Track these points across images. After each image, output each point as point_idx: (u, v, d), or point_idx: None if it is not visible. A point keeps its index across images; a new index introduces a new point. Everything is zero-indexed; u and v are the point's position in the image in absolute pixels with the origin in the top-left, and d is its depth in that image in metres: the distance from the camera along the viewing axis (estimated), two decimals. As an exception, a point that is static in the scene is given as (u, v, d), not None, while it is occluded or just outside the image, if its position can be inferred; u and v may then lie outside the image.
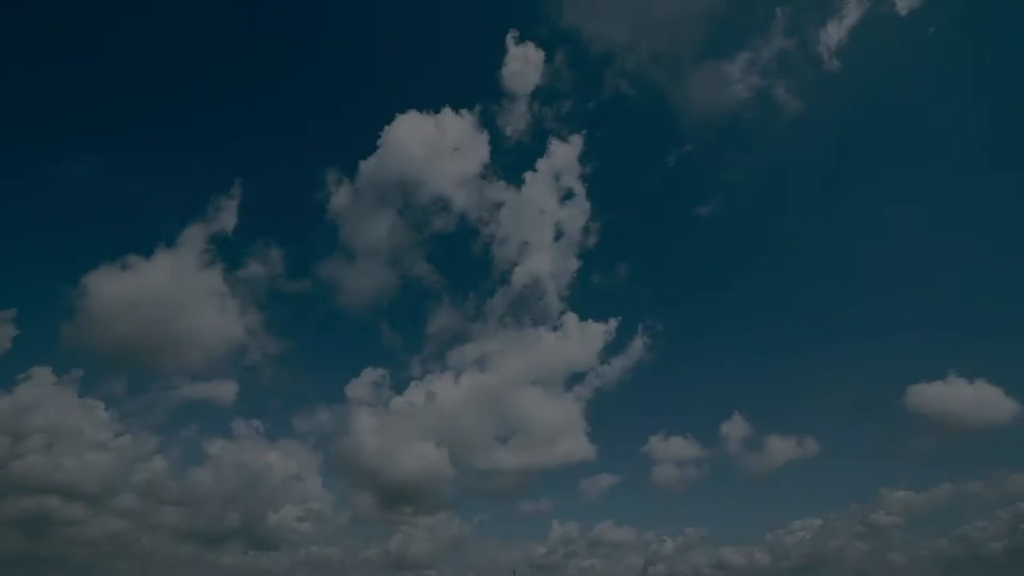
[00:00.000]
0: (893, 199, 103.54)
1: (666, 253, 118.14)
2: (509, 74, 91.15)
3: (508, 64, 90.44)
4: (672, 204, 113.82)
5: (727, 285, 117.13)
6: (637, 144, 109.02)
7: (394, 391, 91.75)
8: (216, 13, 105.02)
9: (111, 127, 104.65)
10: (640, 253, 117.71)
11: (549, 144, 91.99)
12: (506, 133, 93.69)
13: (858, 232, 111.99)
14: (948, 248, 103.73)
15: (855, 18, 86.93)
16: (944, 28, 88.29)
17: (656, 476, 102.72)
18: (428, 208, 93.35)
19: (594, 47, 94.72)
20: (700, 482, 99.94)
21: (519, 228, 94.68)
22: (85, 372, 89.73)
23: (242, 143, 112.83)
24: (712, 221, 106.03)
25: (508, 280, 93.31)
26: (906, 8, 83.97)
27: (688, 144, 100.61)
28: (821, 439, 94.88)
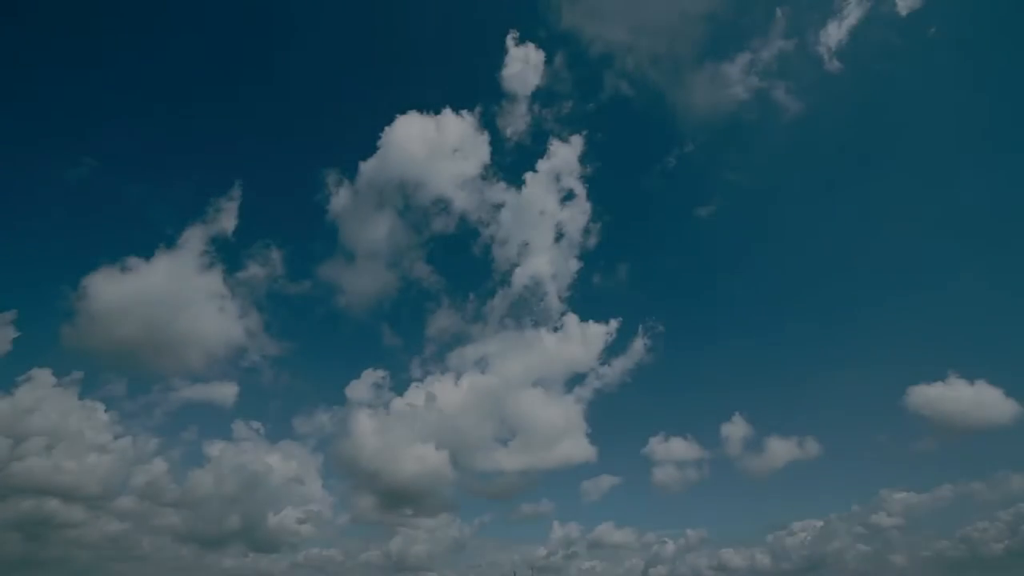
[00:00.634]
0: (893, 200, 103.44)
1: (666, 254, 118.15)
2: (509, 75, 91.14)
3: (508, 65, 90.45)
4: (672, 205, 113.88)
5: (727, 286, 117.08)
6: (637, 145, 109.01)
7: (394, 392, 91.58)
8: (215, 14, 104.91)
9: (110, 129, 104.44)
10: (640, 254, 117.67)
11: (549, 145, 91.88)
12: (506, 134, 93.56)
13: (858, 233, 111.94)
14: (948, 249, 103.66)
15: (855, 18, 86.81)
16: (945, 28, 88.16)
17: (657, 477, 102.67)
18: (428, 209, 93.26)
19: (594, 48, 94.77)
20: (701, 483, 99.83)
21: (519, 229, 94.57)
22: (85, 374, 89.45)
23: (242, 144, 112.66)
24: (712, 222, 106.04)
25: (508, 281, 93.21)
26: (907, 8, 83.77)
27: (688, 145, 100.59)
28: (822, 440, 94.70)
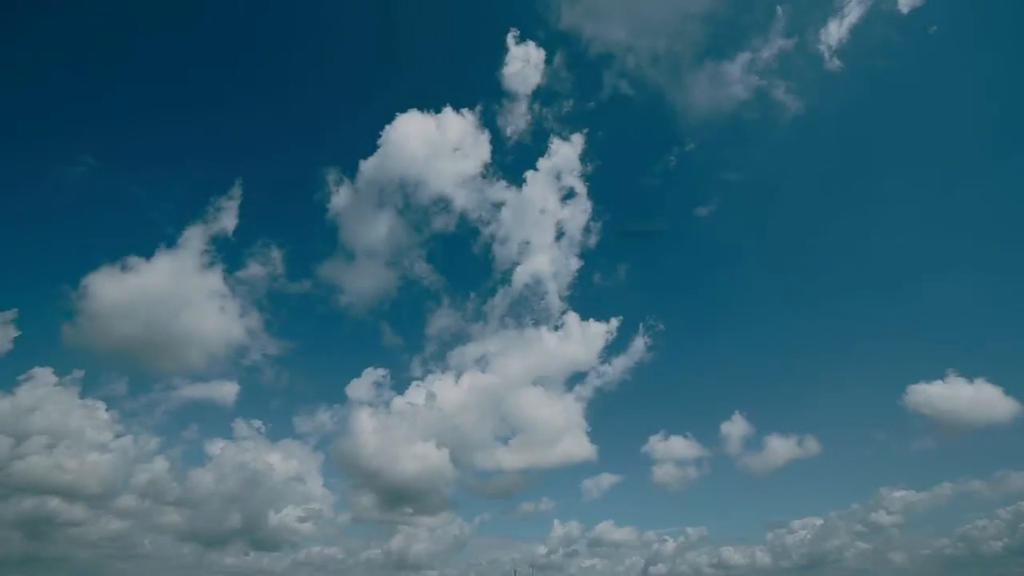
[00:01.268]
0: (893, 199, 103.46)
1: (667, 253, 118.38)
2: (510, 74, 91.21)
3: (509, 64, 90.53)
4: (672, 204, 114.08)
5: (727, 285, 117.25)
6: (637, 144, 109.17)
7: (395, 391, 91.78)
8: (215, 14, 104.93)
9: (109, 128, 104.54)
10: (641, 253, 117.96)
11: (550, 143, 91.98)
12: (507, 133, 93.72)
13: (858, 232, 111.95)
14: (948, 248, 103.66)
15: (856, 17, 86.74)
16: (946, 27, 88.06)
17: (657, 476, 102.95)
18: (428, 208, 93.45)
19: (594, 47, 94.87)
20: (701, 482, 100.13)
21: (520, 228, 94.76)
22: (86, 373, 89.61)
23: (242, 144, 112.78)
24: (712, 221, 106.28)
25: (509, 280, 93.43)
26: (908, 6, 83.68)
27: (688, 144, 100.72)
28: (821, 439, 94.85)
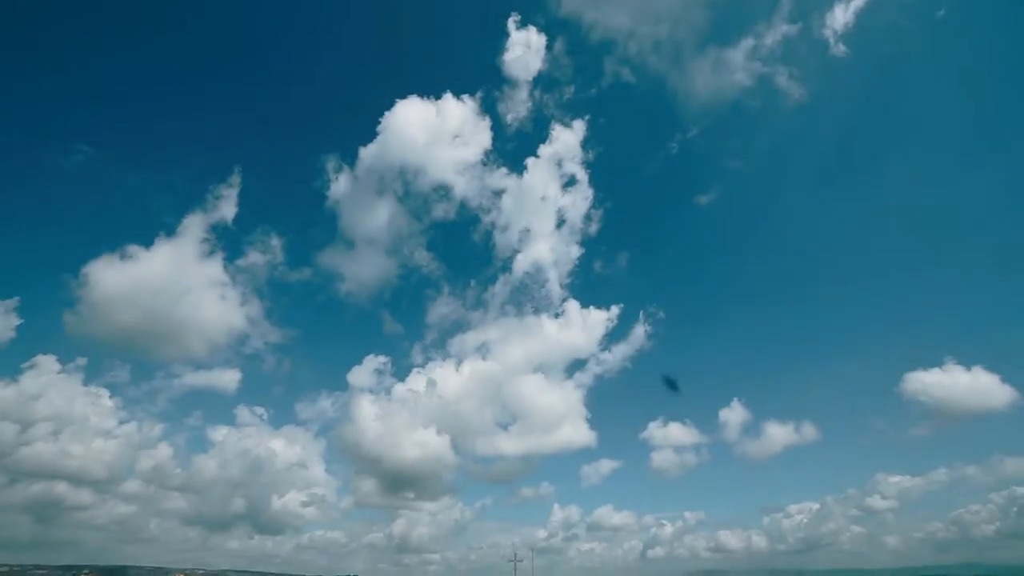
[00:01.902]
0: (896, 187, 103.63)
1: (667, 241, 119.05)
2: (510, 60, 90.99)
3: (509, 50, 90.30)
4: (673, 192, 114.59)
5: (728, 274, 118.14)
6: (639, 131, 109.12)
7: (396, 378, 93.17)
8: (211, 2, 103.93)
9: (105, 118, 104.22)
10: (641, 241, 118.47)
11: (551, 130, 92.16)
12: (507, 120, 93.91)
13: (858, 221, 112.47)
14: (949, 237, 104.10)
15: (863, 1, 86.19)
16: (954, 10, 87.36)
17: (655, 461, 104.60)
18: (428, 195, 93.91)
19: (595, 34, 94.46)
20: (699, 467, 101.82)
21: (520, 215, 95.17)
22: (89, 360, 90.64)
23: (241, 131, 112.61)
24: (713, 209, 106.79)
25: (509, 267, 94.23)
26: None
27: (690, 131, 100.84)
28: (819, 425, 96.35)
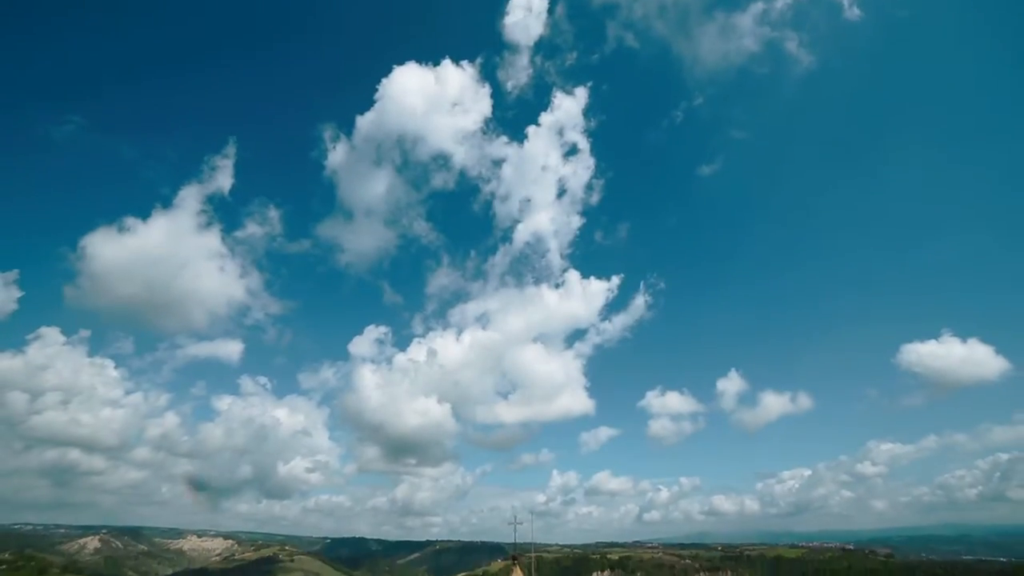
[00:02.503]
0: (902, 160, 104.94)
1: (669, 212, 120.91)
2: (511, 24, 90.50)
3: (510, 13, 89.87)
4: (676, 162, 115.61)
5: (728, 244, 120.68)
6: (642, 99, 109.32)
7: (397, 348, 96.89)
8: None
9: (95, 87, 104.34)
10: (643, 211, 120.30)
11: (552, 97, 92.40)
12: (507, 87, 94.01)
13: (863, 194, 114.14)
14: (952, 209, 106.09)
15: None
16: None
17: (653, 429, 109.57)
18: (427, 165, 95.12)
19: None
20: (695, 435, 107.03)
21: (521, 185, 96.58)
22: (92, 332, 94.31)
23: (235, 101, 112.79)
24: (715, 180, 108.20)
25: (510, 238, 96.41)
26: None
27: (695, 99, 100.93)
28: (815, 395, 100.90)
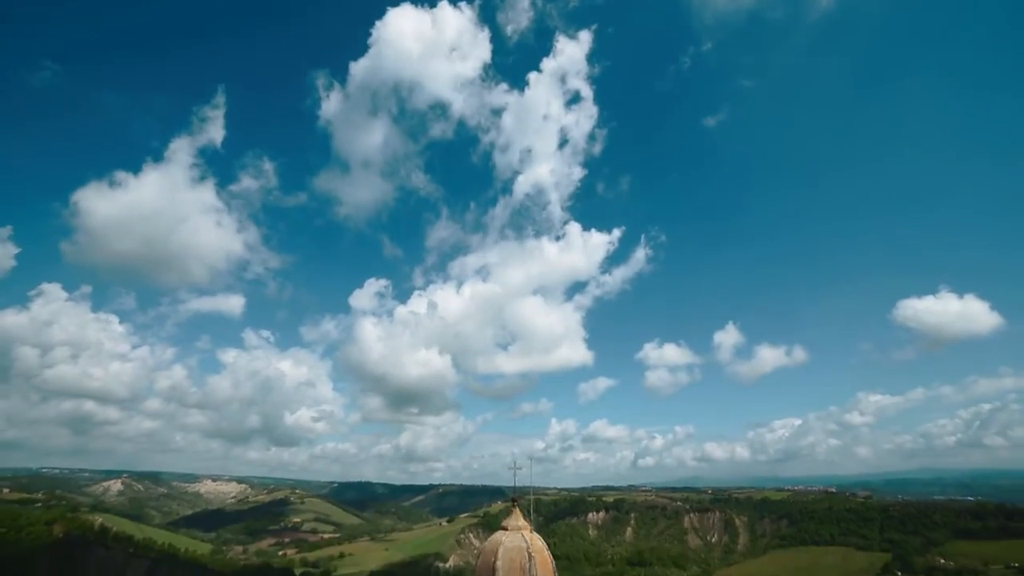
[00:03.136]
0: (914, 113, 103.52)
1: (672, 164, 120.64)
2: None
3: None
4: (681, 112, 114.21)
5: (730, 197, 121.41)
6: (649, 44, 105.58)
7: (397, 301, 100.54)
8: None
9: (68, 28, 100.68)
10: (646, 162, 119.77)
11: (555, 42, 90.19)
12: (507, 31, 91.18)
13: (870, 148, 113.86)
14: (962, 166, 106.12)
15: None
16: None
17: (650, 380, 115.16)
18: (425, 114, 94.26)
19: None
20: (691, 386, 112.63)
21: (521, 134, 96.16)
22: (94, 288, 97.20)
23: (222, 46, 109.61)
24: (721, 132, 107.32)
25: (510, 189, 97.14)
26: None
27: (704, 44, 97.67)
28: (810, 348, 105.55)
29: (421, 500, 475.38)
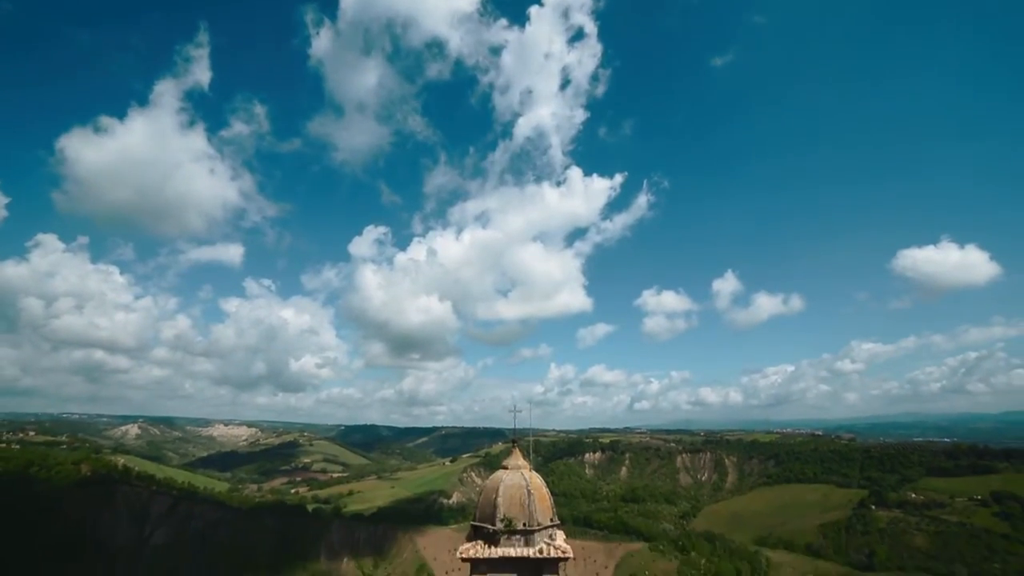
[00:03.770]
0: (932, 54, 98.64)
1: (677, 108, 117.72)
2: None
3: None
4: (688, 51, 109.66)
5: (735, 144, 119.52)
6: None
7: (397, 248, 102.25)
8: None
9: None
10: (650, 106, 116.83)
11: None
12: None
13: (880, 92, 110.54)
14: (977, 109, 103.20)
15: None
16: None
17: (648, 326, 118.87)
18: (420, 53, 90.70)
19: None
20: (688, 333, 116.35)
21: (522, 75, 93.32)
22: (91, 239, 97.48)
23: None
24: (728, 73, 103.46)
25: (510, 133, 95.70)
26: None
27: None
28: (807, 297, 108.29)
29: (425, 441, 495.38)
